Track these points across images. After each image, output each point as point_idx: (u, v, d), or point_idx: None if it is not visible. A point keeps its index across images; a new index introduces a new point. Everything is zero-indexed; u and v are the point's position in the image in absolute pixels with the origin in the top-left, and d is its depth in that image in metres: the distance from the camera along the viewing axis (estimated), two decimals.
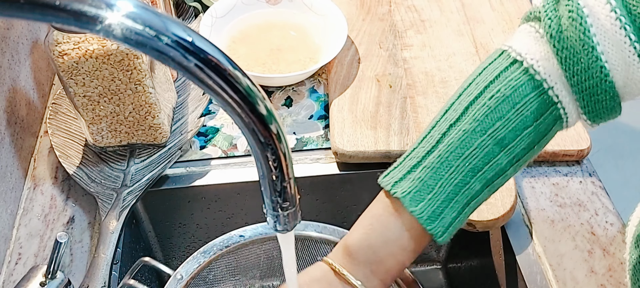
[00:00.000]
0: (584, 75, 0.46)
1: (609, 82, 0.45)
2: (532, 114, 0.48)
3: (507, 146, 0.48)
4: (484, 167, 0.49)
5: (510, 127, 0.48)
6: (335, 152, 0.73)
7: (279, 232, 0.42)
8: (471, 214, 0.52)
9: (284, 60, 0.83)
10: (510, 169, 0.50)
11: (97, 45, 0.62)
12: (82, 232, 0.68)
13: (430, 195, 0.49)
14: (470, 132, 0.48)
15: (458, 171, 0.49)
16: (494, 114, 0.48)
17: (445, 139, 0.49)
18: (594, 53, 0.44)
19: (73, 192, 0.71)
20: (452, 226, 0.50)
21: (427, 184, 0.49)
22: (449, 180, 0.49)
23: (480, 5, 0.93)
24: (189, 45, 0.29)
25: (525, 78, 0.47)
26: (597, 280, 0.63)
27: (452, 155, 0.49)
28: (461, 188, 0.49)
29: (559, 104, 0.47)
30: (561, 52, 0.46)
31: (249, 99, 0.31)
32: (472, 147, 0.48)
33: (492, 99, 0.48)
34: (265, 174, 0.36)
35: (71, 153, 0.73)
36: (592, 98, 0.47)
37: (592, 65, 0.45)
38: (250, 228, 0.68)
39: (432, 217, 0.49)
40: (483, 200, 0.51)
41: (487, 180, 0.49)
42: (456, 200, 0.49)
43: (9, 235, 0.67)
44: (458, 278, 0.87)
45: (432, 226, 0.49)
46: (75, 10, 0.26)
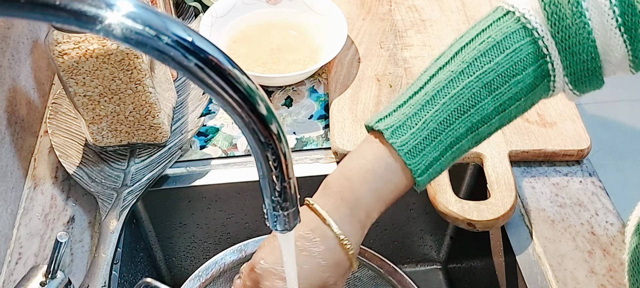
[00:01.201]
0: (568, 32, 0.47)
1: (591, 41, 0.46)
2: (522, 61, 0.48)
3: (495, 91, 0.48)
4: (469, 109, 0.49)
5: (499, 71, 0.48)
6: (335, 151, 0.73)
7: (279, 232, 0.42)
8: (452, 163, 0.51)
9: (284, 60, 0.83)
10: (496, 118, 0.50)
11: (97, 44, 0.62)
12: (83, 232, 0.68)
13: (412, 130, 0.49)
14: (458, 72, 0.49)
15: (443, 109, 0.49)
16: (484, 58, 0.48)
17: (432, 80, 0.50)
18: (579, 8, 0.46)
19: (73, 191, 0.71)
20: (432, 167, 0.50)
21: (411, 119, 0.49)
22: (432, 117, 0.49)
23: (481, 4, 0.93)
24: (189, 45, 0.29)
25: (517, 26, 0.48)
26: (598, 280, 0.63)
27: (439, 94, 0.49)
28: (445, 128, 0.49)
29: (548, 56, 0.48)
30: (548, 7, 0.47)
31: (249, 98, 0.31)
32: (459, 87, 0.48)
33: (483, 43, 0.49)
34: (265, 174, 0.36)
35: (71, 153, 0.73)
36: (575, 57, 0.47)
37: (577, 21, 0.46)
38: (251, 242, 0.67)
39: (412, 151, 0.49)
40: (466, 147, 0.50)
41: (471, 124, 0.49)
42: (439, 139, 0.49)
43: (9, 235, 0.67)
44: (458, 278, 0.87)
45: (411, 161, 0.49)
46: (75, 10, 0.26)
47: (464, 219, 0.65)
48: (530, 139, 0.73)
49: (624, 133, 1.97)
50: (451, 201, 0.66)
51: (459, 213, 0.65)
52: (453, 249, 0.88)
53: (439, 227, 0.86)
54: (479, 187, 0.73)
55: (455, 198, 0.66)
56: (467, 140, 0.50)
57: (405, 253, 0.89)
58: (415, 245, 0.88)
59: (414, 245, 0.88)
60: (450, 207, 0.66)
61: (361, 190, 0.50)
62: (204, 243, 0.83)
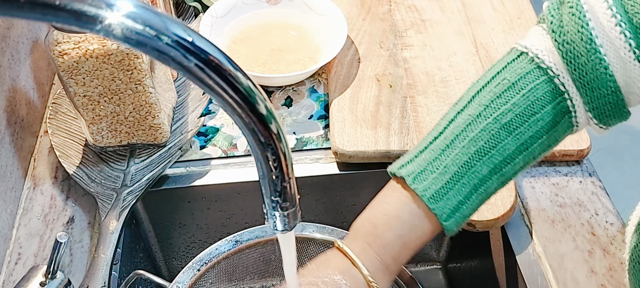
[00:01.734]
0: (585, 69, 0.46)
1: (609, 75, 0.46)
2: (539, 100, 0.48)
3: (514, 131, 0.48)
4: (490, 150, 0.48)
5: (517, 111, 0.48)
6: (335, 152, 0.73)
7: (279, 232, 0.42)
8: (480, 204, 0.51)
9: (284, 60, 0.83)
10: (519, 158, 0.49)
11: (97, 44, 0.62)
12: (82, 232, 0.68)
13: (434, 175, 0.49)
14: (475, 116, 0.49)
15: (463, 152, 0.49)
16: (500, 99, 0.48)
17: (451, 125, 0.50)
18: (593, 45, 0.45)
19: (73, 192, 0.71)
20: (459, 211, 0.49)
21: (432, 164, 0.49)
22: (453, 161, 0.49)
23: (481, 5, 0.93)
24: (189, 45, 0.29)
25: (531, 66, 0.48)
26: (598, 280, 0.63)
27: (457, 138, 0.49)
28: (467, 171, 0.48)
29: (565, 94, 0.48)
30: (562, 46, 0.47)
31: (249, 98, 0.31)
32: (477, 130, 0.48)
33: (498, 85, 0.49)
34: (265, 174, 0.36)
35: (71, 153, 0.73)
36: (595, 92, 0.47)
37: (592, 57, 0.46)
38: (246, 232, 0.67)
39: (435, 196, 0.48)
40: (492, 188, 0.50)
41: (494, 165, 0.49)
42: (462, 182, 0.49)
43: (8, 235, 0.67)
44: (458, 278, 0.87)
45: (435, 205, 0.49)
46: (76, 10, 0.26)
47: None
48: None
49: (624, 133, 1.97)
50: None
51: None
52: (453, 249, 0.88)
53: None
54: None
55: None
56: (492, 181, 0.50)
57: None
58: None
59: None
60: None
61: (386, 236, 0.50)
62: (204, 243, 0.83)
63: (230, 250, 0.66)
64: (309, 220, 0.80)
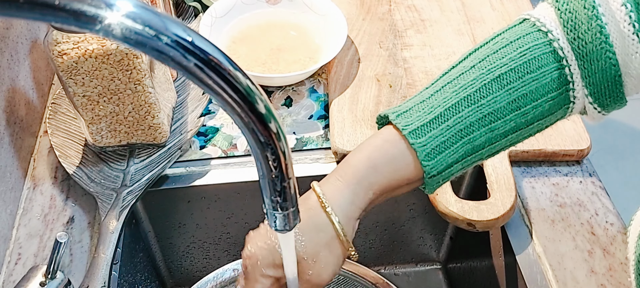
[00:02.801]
0: (585, 38, 0.46)
1: (609, 45, 0.45)
2: (536, 59, 0.47)
3: (508, 85, 0.47)
4: (480, 99, 0.47)
5: (512, 66, 0.47)
6: (335, 151, 0.73)
7: (279, 232, 0.42)
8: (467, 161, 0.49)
9: (284, 60, 0.83)
10: (511, 116, 0.48)
11: (97, 44, 0.62)
12: (82, 232, 0.68)
13: (418, 113, 0.48)
14: (469, 67, 0.49)
15: (451, 97, 0.48)
16: (496, 54, 0.48)
17: (444, 75, 0.50)
18: (595, 12, 0.45)
19: (73, 192, 0.71)
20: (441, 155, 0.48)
21: (419, 106, 0.49)
22: (441, 103, 0.48)
23: (481, 4, 0.93)
24: (189, 45, 0.29)
25: (532, 29, 0.48)
26: (597, 280, 0.63)
27: (448, 85, 0.49)
28: (453, 114, 0.47)
29: (564, 60, 0.47)
30: (564, 14, 0.47)
31: (249, 98, 0.31)
32: (469, 79, 0.48)
33: (496, 43, 0.49)
34: (265, 174, 0.36)
35: (71, 153, 0.73)
36: (593, 65, 0.47)
37: (593, 25, 0.45)
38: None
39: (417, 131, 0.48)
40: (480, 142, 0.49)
41: (483, 115, 0.47)
42: (447, 124, 0.47)
43: (8, 235, 0.67)
44: (458, 278, 0.87)
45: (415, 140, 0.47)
46: (75, 10, 0.26)
47: (464, 219, 0.65)
48: (530, 139, 0.73)
49: (624, 133, 1.97)
50: (451, 201, 0.66)
51: (458, 213, 0.65)
52: (453, 249, 0.88)
53: (438, 227, 0.86)
54: (479, 187, 0.73)
55: (455, 198, 0.66)
56: (480, 133, 0.48)
57: (405, 253, 0.89)
58: (415, 245, 0.88)
59: (414, 245, 0.88)
60: (450, 207, 0.66)
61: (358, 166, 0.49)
62: (204, 243, 0.83)
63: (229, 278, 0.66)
64: None
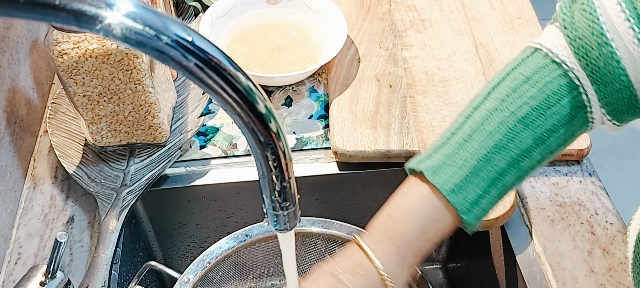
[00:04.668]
0: (597, 63, 0.47)
1: (621, 69, 0.46)
2: (555, 94, 0.48)
3: (531, 124, 0.49)
4: (508, 144, 0.49)
5: (533, 104, 0.48)
6: (335, 151, 0.73)
7: (278, 232, 0.42)
8: (498, 199, 0.51)
9: (283, 60, 0.83)
10: (536, 151, 0.50)
11: (97, 44, 0.62)
12: (82, 232, 0.68)
13: (453, 169, 0.49)
14: (492, 110, 0.49)
15: (481, 146, 0.49)
16: (516, 94, 0.49)
17: (469, 120, 0.50)
18: (604, 39, 0.46)
19: (73, 191, 0.71)
20: (477, 205, 0.49)
21: (451, 159, 0.49)
22: (472, 155, 0.49)
23: (480, 4, 0.93)
24: (189, 44, 0.29)
25: (546, 61, 0.49)
26: (597, 279, 0.63)
27: (476, 133, 0.49)
28: (485, 165, 0.49)
29: (580, 87, 0.48)
30: (574, 42, 0.47)
31: (249, 98, 0.31)
32: (495, 124, 0.49)
33: (514, 80, 0.50)
34: (265, 174, 0.36)
35: (71, 152, 0.73)
36: (608, 88, 0.47)
37: (604, 52, 0.46)
38: (256, 226, 0.68)
39: (455, 189, 0.49)
40: (510, 183, 0.50)
41: (512, 158, 0.49)
42: (481, 176, 0.49)
43: (8, 235, 0.67)
44: (458, 277, 0.87)
45: (455, 199, 0.49)
46: (75, 10, 0.26)
47: None
48: None
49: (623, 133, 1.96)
50: None
51: None
52: (453, 249, 0.88)
53: None
54: None
55: None
56: (510, 175, 0.50)
57: None
58: None
59: None
60: None
61: (406, 228, 0.50)
62: (204, 243, 0.83)
63: (241, 244, 0.66)
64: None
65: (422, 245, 0.50)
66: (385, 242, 0.50)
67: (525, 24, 0.90)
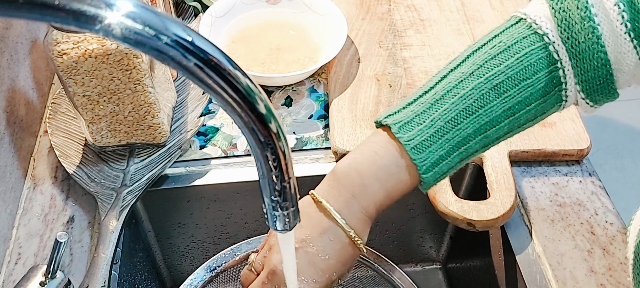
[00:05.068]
0: (578, 37, 0.47)
1: (600, 46, 0.46)
2: (532, 66, 0.48)
3: (504, 94, 0.49)
4: (478, 110, 0.49)
5: (509, 74, 0.48)
6: (335, 151, 0.73)
7: (278, 232, 0.42)
8: (459, 164, 0.51)
9: (283, 60, 0.83)
10: (505, 122, 0.50)
11: (97, 44, 0.62)
12: (82, 232, 0.68)
13: (420, 127, 0.49)
14: (467, 74, 0.49)
15: (451, 108, 0.49)
16: (494, 60, 0.49)
17: (443, 81, 0.50)
18: (588, 13, 0.46)
19: (73, 191, 0.71)
20: (438, 166, 0.50)
21: (419, 116, 0.50)
22: (441, 115, 0.49)
23: (480, 4, 0.93)
24: (189, 44, 0.29)
25: (529, 32, 0.49)
26: (597, 279, 0.63)
27: (448, 94, 0.49)
28: (452, 127, 0.49)
29: (559, 63, 0.48)
30: (558, 14, 0.48)
31: (249, 98, 0.31)
32: (468, 88, 0.49)
33: (494, 47, 0.50)
34: (265, 174, 0.36)
35: (71, 152, 0.73)
36: (586, 64, 0.48)
37: (586, 25, 0.46)
38: (254, 240, 0.67)
39: (418, 147, 0.49)
40: (473, 149, 0.51)
41: (480, 125, 0.49)
42: (446, 138, 0.49)
43: (8, 235, 0.67)
44: (458, 278, 0.87)
45: (417, 157, 0.49)
46: (75, 10, 0.26)
47: (463, 219, 0.65)
48: (529, 139, 0.73)
49: (623, 133, 1.97)
50: (451, 201, 0.66)
51: (458, 213, 0.65)
52: (453, 249, 0.88)
53: (438, 226, 0.86)
54: (479, 187, 0.73)
55: (455, 198, 0.66)
56: (476, 141, 0.50)
57: (405, 253, 0.89)
58: (415, 245, 0.88)
59: (414, 245, 0.88)
60: (450, 206, 0.66)
61: (373, 187, 0.51)
62: (203, 243, 0.83)
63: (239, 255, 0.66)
64: None
65: (384, 202, 0.51)
66: (352, 203, 0.51)
67: None
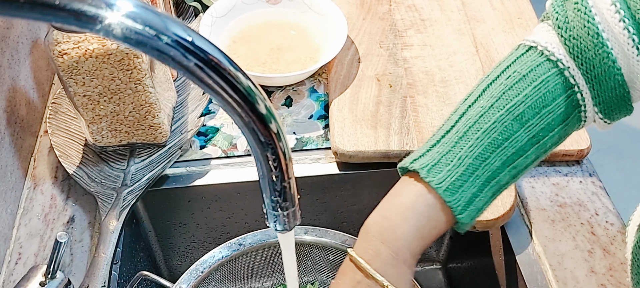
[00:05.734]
0: (592, 63, 0.47)
1: (617, 69, 0.46)
2: (551, 92, 0.48)
3: (526, 123, 0.48)
4: (503, 142, 0.48)
5: (529, 103, 0.48)
6: (335, 151, 0.73)
7: (278, 232, 0.42)
8: (493, 198, 0.50)
9: (284, 60, 0.83)
10: (531, 150, 0.49)
11: (97, 44, 0.62)
12: (82, 232, 0.68)
13: (448, 167, 0.48)
14: (487, 108, 0.49)
15: (477, 144, 0.48)
16: (512, 91, 0.49)
17: (463, 118, 0.50)
18: (600, 39, 0.46)
19: (73, 191, 0.71)
20: (473, 204, 0.49)
21: (446, 157, 0.48)
22: (467, 153, 0.48)
23: (481, 4, 0.93)
24: (189, 44, 0.29)
25: (541, 59, 0.49)
26: (598, 279, 0.63)
27: (471, 130, 0.49)
28: (481, 163, 0.48)
29: (576, 86, 0.48)
30: (569, 42, 0.47)
31: (249, 98, 0.31)
32: (491, 122, 0.48)
33: (509, 78, 0.49)
34: (265, 174, 0.36)
35: (71, 152, 0.73)
36: (602, 86, 0.47)
37: (599, 52, 0.46)
38: (249, 235, 0.67)
39: (450, 188, 0.48)
40: (504, 181, 0.50)
41: (507, 157, 0.48)
42: (476, 174, 0.48)
43: (9, 235, 0.67)
44: (458, 278, 0.87)
45: (450, 198, 0.48)
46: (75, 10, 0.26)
47: None
48: None
49: (623, 133, 1.97)
50: None
51: None
52: (453, 249, 0.88)
53: None
54: None
55: None
56: (505, 174, 0.49)
57: None
58: None
59: None
60: None
61: (402, 229, 0.48)
62: (204, 243, 0.83)
63: (235, 252, 0.66)
64: (308, 220, 0.80)
65: (419, 245, 0.49)
66: (381, 250, 0.48)
67: (526, 24, 0.90)
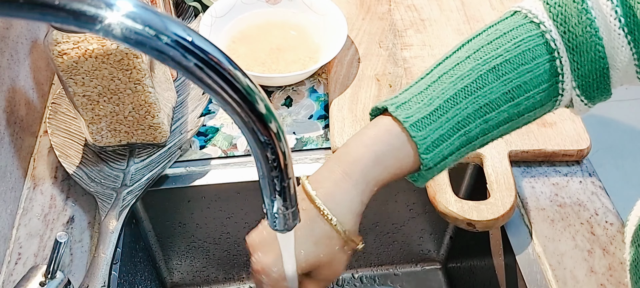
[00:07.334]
0: (575, 31, 0.47)
1: (598, 38, 0.46)
2: (530, 51, 0.48)
3: (503, 76, 0.48)
4: (476, 91, 0.48)
5: (507, 57, 0.48)
6: (335, 151, 0.73)
7: (279, 232, 0.42)
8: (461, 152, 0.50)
9: (283, 60, 0.83)
10: (505, 107, 0.49)
11: (97, 44, 0.62)
12: (82, 232, 0.68)
13: (418, 105, 0.48)
14: (464, 58, 0.49)
15: (449, 88, 0.48)
16: (491, 46, 0.49)
17: (439, 66, 0.50)
18: (584, 6, 0.46)
19: (73, 191, 0.71)
20: (439, 147, 0.48)
21: (417, 97, 0.49)
22: (439, 94, 0.48)
23: (480, 4, 0.93)
24: (189, 44, 0.29)
25: (525, 20, 0.49)
26: (597, 279, 0.63)
27: (445, 76, 0.49)
28: (452, 106, 0.48)
29: (556, 52, 0.48)
30: (554, 8, 0.48)
31: (249, 98, 0.31)
32: (466, 69, 0.48)
33: (490, 35, 0.49)
34: (265, 174, 0.36)
35: (71, 153, 0.73)
36: (583, 57, 0.48)
37: (583, 18, 0.47)
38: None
39: (417, 124, 0.48)
40: (475, 136, 0.49)
41: (480, 107, 0.48)
42: (446, 117, 0.48)
43: (8, 235, 0.67)
44: (458, 278, 0.87)
45: (416, 133, 0.47)
46: (75, 10, 0.26)
47: (463, 219, 0.65)
48: (529, 139, 0.73)
49: (623, 132, 1.97)
50: (451, 201, 0.66)
51: (458, 213, 0.65)
52: (453, 249, 0.88)
53: (438, 226, 0.86)
54: (479, 187, 0.73)
55: (455, 198, 0.66)
56: (476, 125, 0.49)
57: (405, 253, 0.89)
58: (415, 245, 0.88)
59: (414, 245, 0.88)
60: (450, 207, 0.66)
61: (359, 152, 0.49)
62: (204, 243, 0.83)
63: None
64: None
65: (376, 171, 0.49)
66: (334, 169, 0.49)
67: None
